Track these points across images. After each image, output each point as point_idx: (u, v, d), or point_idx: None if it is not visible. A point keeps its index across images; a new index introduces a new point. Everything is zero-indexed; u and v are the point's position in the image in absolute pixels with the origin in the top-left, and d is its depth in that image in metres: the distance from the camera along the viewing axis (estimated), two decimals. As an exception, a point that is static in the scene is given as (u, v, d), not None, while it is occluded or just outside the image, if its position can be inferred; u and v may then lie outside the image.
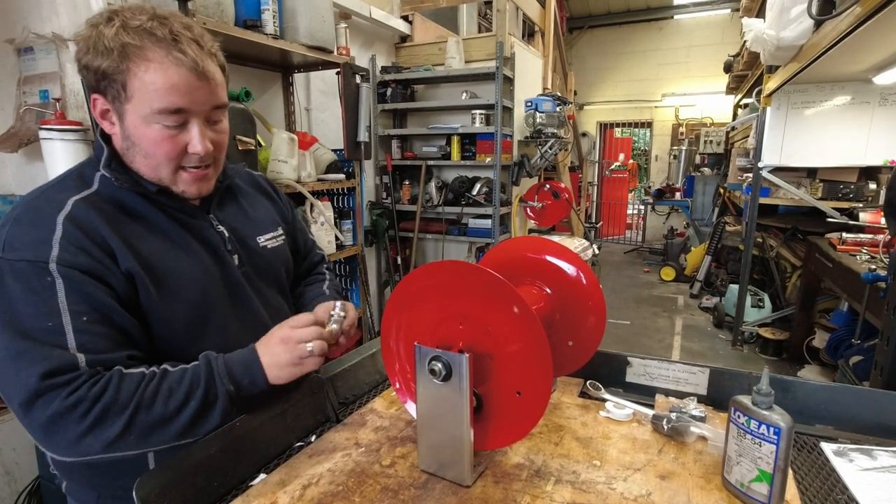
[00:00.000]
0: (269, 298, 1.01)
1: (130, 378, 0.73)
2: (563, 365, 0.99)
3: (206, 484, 0.78)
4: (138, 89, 0.76)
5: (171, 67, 0.76)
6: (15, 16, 1.91)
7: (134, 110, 0.78)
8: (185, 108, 0.78)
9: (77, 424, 0.68)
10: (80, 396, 0.68)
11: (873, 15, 1.72)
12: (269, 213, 1.08)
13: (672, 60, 8.41)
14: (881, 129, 3.45)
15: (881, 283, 2.12)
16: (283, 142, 2.44)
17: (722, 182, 6.01)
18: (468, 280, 0.76)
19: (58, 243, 0.73)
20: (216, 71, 0.82)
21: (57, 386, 0.68)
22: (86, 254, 0.74)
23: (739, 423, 0.73)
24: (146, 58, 0.75)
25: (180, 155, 0.81)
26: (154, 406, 0.72)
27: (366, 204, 3.80)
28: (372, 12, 3.65)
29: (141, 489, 0.68)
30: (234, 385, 0.79)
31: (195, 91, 0.78)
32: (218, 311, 0.90)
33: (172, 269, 0.83)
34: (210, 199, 0.94)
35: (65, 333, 0.70)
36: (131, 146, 0.81)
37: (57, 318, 0.70)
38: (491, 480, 0.80)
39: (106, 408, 0.69)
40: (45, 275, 0.71)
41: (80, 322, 0.71)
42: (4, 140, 1.87)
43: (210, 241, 0.91)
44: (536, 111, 3.76)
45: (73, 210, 0.77)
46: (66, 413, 0.68)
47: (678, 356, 4.06)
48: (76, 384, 0.68)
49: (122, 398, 0.70)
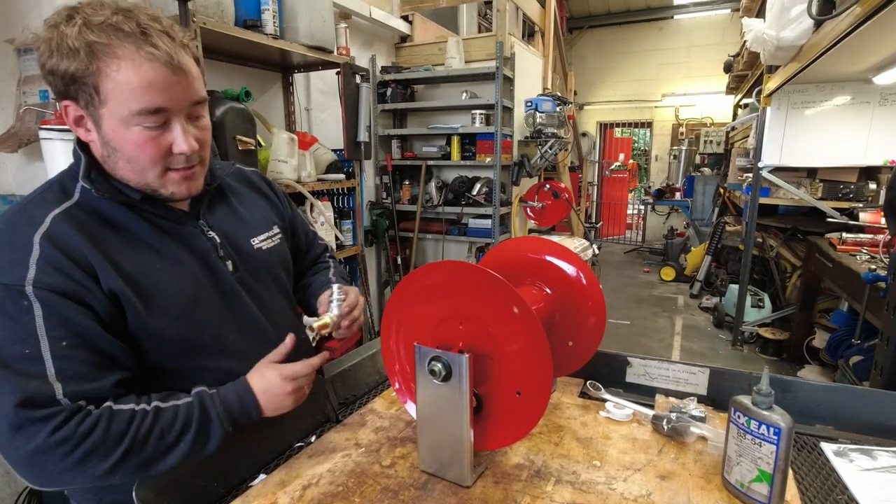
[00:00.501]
0: (269, 303, 0.97)
1: (120, 417, 0.70)
2: (563, 365, 0.99)
3: (206, 484, 0.78)
4: (112, 90, 0.71)
5: (144, 64, 0.70)
6: (15, 16, 1.91)
7: (110, 114, 0.72)
8: (164, 107, 0.73)
9: (61, 461, 0.66)
10: (67, 434, 0.65)
11: (873, 15, 1.72)
12: (263, 211, 1.04)
13: (672, 60, 8.41)
14: (881, 129, 3.45)
15: (881, 283, 2.12)
16: (283, 142, 2.44)
17: (722, 182, 6.01)
18: (468, 280, 0.76)
19: (34, 264, 0.69)
20: (191, 63, 0.77)
21: (36, 420, 0.65)
22: (64, 275, 0.70)
23: (739, 423, 0.73)
24: (116, 55, 0.70)
25: (165, 156, 0.77)
26: (145, 448, 0.70)
27: (366, 204, 3.80)
28: (372, 12, 3.65)
29: (141, 489, 0.69)
30: (233, 425, 0.79)
31: (173, 87, 0.73)
32: (212, 322, 0.86)
33: (158, 284, 0.79)
34: (199, 204, 0.90)
35: (43, 360, 0.67)
36: (112, 152, 0.76)
37: (34, 344, 0.67)
38: (491, 481, 0.80)
39: (93, 447, 0.67)
40: (22, 298, 0.67)
41: (58, 348, 0.68)
42: (4, 140, 1.87)
43: (199, 248, 0.87)
44: (536, 111, 3.76)
45: (51, 227, 0.72)
46: (50, 450, 0.65)
47: (678, 356, 4.05)
48: (59, 420, 0.66)
49: (112, 438, 0.68)
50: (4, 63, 1.95)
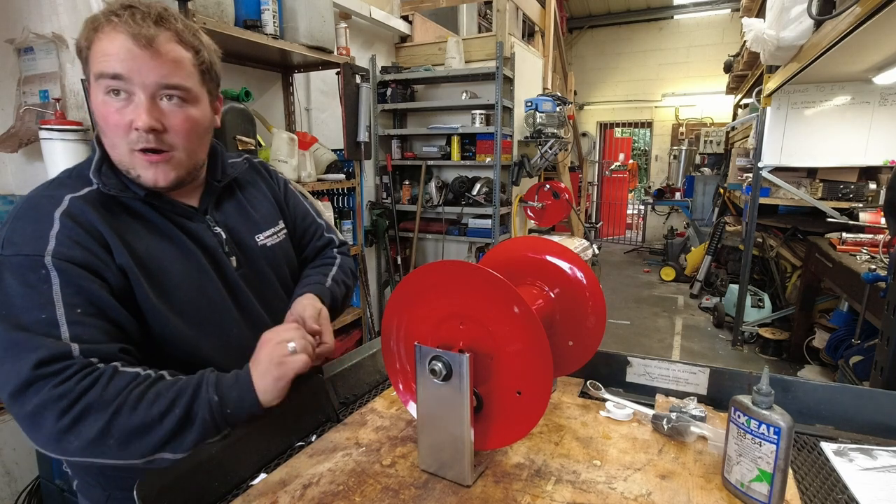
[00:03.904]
0: (273, 300, 0.99)
1: (122, 376, 0.71)
2: (563, 365, 0.99)
3: (206, 483, 0.78)
4: (91, 59, 0.78)
5: (114, 34, 0.76)
6: (15, 16, 1.91)
7: (92, 83, 0.79)
8: (122, 75, 0.76)
9: (58, 420, 0.67)
10: (67, 389, 0.67)
11: (873, 15, 1.72)
12: (270, 206, 1.06)
13: (672, 60, 8.41)
14: (881, 129, 3.45)
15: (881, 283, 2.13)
16: (283, 142, 2.44)
17: (722, 182, 6.01)
18: (468, 280, 0.76)
19: (54, 238, 0.73)
20: (176, 50, 0.80)
21: (48, 375, 0.67)
22: (81, 247, 0.74)
23: (739, 422, 0.73)
24: (101, 30, 0.77)
25: (127, 130, 0.79)
26: (137, 409, 0.70)
27: (366, 204, 3.80)
28: (372, 12, 3.65)
29: (142, 489, 0.68)
30: (219, 396, 0.74)
31: (136, 59, 0.76)
32: (218, 314, 0.88)
33: (167, 269, 0.83)
34: (207, 200, 0.93)
35: (59, 325, 0.70)
36: (98, 127, 0.82)
37: (51, 310, 0.70)
38: (491, 480, 0.80)
39: (88, 405, 0.67)
40: (41, 268, 0.71)
41: (73, 314, 0.71)
42: (4, 140, 1.87)
43: (207, 243, 0.90)
44: (536, 111, 3.76)
45: (70, 206, 0.77)
46: (49, 404, 0.67)
47: (678, 356, 4.06)
48: (67, 373, 0.68)
49: (107, 397, 0.68)
50: (4, 63, 1.95)
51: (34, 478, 1.88)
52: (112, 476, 0.86)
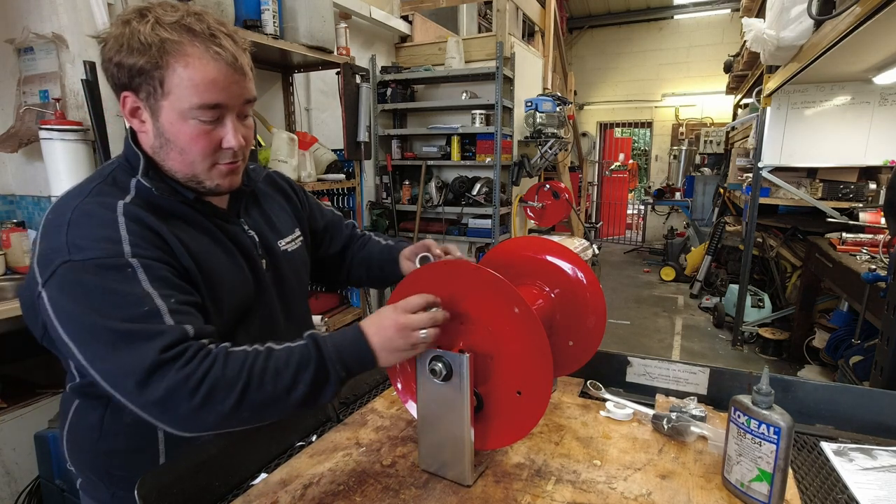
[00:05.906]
0: (289, 302, 1.01)
1: (234, 356, 0.72)
2: (563, 365, 0.99)
3: (207, 483, 0.78)
4: (177, 85, 0.76)
5: (210, 62, 0.76)
6: (15, 16, 1.91)
7: (171, 106, 0.77)
8: (222, 104, 0.79)
9: (189, 399, 0.67)
10: (192, 370, 0.68)
11: (873, 15, 1.72)
12: (287, 214, 1.08)
13: (672, 60, 8.41)
14: (881, 129, 3.45)
15: (881, 283, 2.13)
16: (283, 142, 2.44)
17: (722, 182, 6.01)
18: (469, 280, 0.76)
19: (126, 239, 0.74)
20: (249, 66, 0.83)
21: (172, 358, 0.68)
22: (153, 246, 0.76)
23: (739, 422, 0.73)
24: (185, 53, 0.75)
25: (215, 150, 0.82)
26: (263, 385, 0.71)
27: (366, 204, 3.80)
28: (372, 12, 3.65)
29: (142, 488, 0.69)
30: (346, 371, 0.75)
31: (231, 86, 0.79)
32: (247, 313, 0.91)
33: (216, 271, 0.84)
34: (238, 205, 0.95)
35: (161, 314, 0.70)
36: (165, 143, 0.81)
37: (150, 300, 0.71)
38: (491, 480, 0.80)
39: (215, 383, 0.68)
40: (126, 266, 0.72)
41: (170, 303, 0.72)
42: (4, 140, 1.87)
43: (244, 245, 0.92)
44: (536, 111, 3.76)
45: (127, 211, 0.77)
46: (180, 385, 0.67)
47: (678, 356, 4.06)
48: (188, 355, 0.69)
49: (229, 375, 0.69)
50: (4, 63, 1.95)
51: (34, 478, 1.88)
52: (118, 475, 0.86)
